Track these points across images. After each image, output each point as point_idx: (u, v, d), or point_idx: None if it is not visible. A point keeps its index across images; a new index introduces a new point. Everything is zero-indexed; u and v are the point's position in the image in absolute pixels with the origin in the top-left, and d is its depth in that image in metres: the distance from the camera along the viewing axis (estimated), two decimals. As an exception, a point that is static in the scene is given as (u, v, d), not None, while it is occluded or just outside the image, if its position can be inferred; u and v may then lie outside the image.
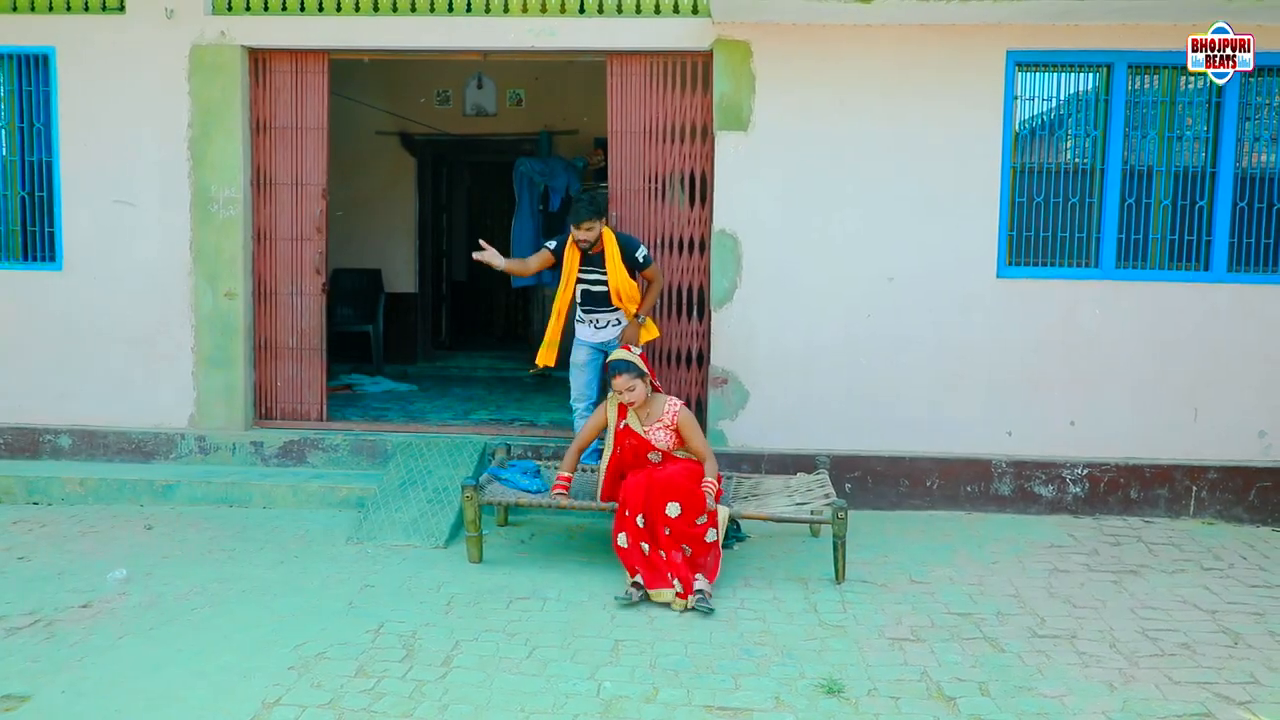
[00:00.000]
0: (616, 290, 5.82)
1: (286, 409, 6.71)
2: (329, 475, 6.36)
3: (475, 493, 5.08)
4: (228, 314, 6.50)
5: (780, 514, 5.04)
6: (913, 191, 6.18)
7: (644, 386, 5.03)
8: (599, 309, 5.95)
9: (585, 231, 5.71)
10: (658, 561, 4.73)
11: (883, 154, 6.17)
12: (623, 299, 5.85)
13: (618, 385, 4.99)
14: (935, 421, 6.27)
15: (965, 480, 6.24)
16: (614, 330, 5.96)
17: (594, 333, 6.01)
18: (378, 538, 5.50)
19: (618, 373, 5.00)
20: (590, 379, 6.07)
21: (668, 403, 5.14)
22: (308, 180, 6.56)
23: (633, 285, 5.84)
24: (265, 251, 6.62)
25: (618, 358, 5.07)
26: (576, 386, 6.08)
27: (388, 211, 10.01)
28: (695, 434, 5.07)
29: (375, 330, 9.43)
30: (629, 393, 5.00)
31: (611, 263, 5.78)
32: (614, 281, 5.81)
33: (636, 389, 5.00)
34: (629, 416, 5.11)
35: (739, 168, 6.24)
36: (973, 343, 6.23)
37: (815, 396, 6.30)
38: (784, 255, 6.26)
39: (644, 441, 5.06)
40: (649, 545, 4.77)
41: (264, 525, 5.78)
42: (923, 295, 6.22)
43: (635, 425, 5.08)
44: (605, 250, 5.79)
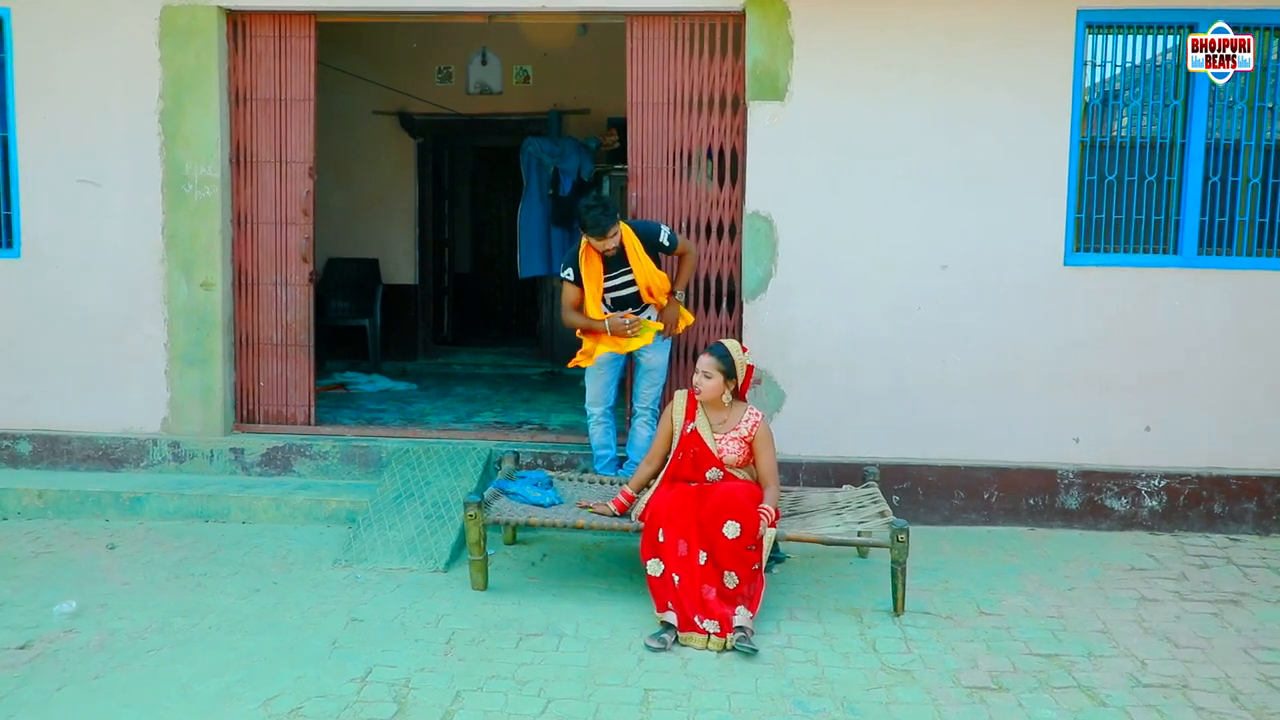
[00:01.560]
0: (647, 286, 5.22)
1: (270, 411, 6.06)
2: (316, 486, 5.70)
3: (479, 510, 4.43)
4: (204, 306, 5.85)
5: (831, 536, 4.38)
6: (969, 169, 5.50)
7: (722, 386, 4.45)
8: (628, 309, 5.32)
9: (610, 240, 5.08)
10: (692, 598, 4.07)
11: (935, 127, 5.50)
12: (654, 293, 5.25)
13: (699, 365, 4.48)
14: (994, 426, 5.60)
15: (1028, 492, 5.57)
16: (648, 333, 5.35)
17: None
18: (368, 559, 4.84)
19: (707, 353, 4.50)
20: (610, 381, 5.42)
21: (748, 412, 4.52)
22: (293, 158, 5.90)
23: (663, 276, 5.26)
24: (246, 237, 5.96)
25: (720, 341, 4.55)
26: (593, 389, 5.44)
27: (385, 197, 9.35)
28: (768, 453, 4.47)
29: (372, 325, 8.78)
30: (703, 380, 4.46)
31: (635, 259, 5.16)
32: (643, 279, 5.20)
33: (711, 382, 4.44)
34: (698, 418, 4.47)
35: (774, 142, 5.57)
36: (1036, 338, 5.56)
37: (859, 398, 5.64)
38: (824, 240, 5.59)
39: (708, 453, 4.43)
40: (681, 576, 4.11)
41: (241, 544, 5.13)
42: (980, 285, 5.55)
43: (705, 432, 4.46)
44: (625, 246, 5.16)
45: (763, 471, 4.44)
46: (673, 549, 4.17)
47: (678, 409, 4.58)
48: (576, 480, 5.19)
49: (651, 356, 5.38)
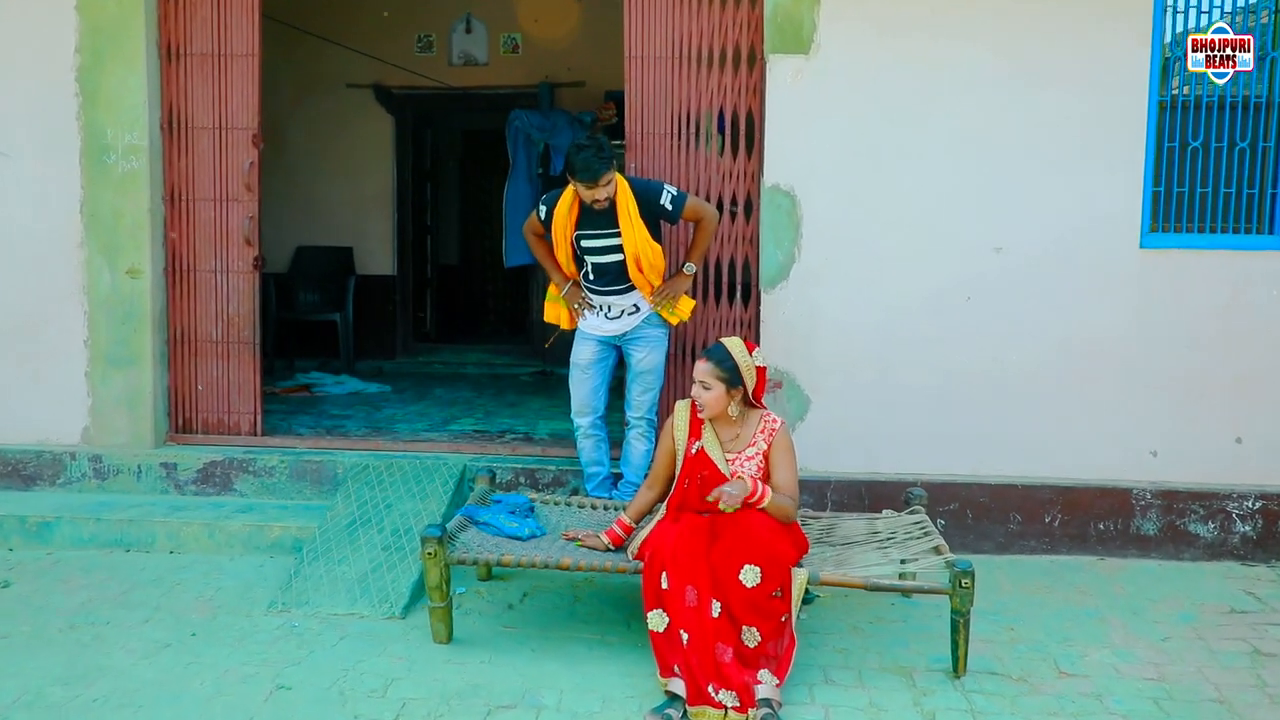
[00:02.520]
0: (636, 258, 4.30)
1: (210, 420, 5.22)
2: (259, 508, 4.86)
3: (440, 547, 3.57)
4: (131, 298, 5.00)
5: (878, 581, 3.51)
6: (1029, 135, 4.66)
7: (725, 397, 3.61)
8: (611, 289, 4.43)
9: (601, 189, 4.19)
10: (704, 661, 3.22)
11: (988, 84, 4.65)
12: (644, 270, 4.33)
13: (695, 374, 3.65)
14: (1056, 438, 4.75)
15: (1097, 515, 4.72)
16: (632, 320, 4.46)
17: (603, 323, 4.49)
18: (310, 602, 4.00)
19: (703, 358, 3.65)
20: (598, 385, 4.56)
21: (763, 420, 3.69)
22: (235, 123, 5.05)
23: (657, 250, 4.37)
24: (180, 216, 5.11)
25: (719, 341, 3.69)
26: (578, 395, 4.58)
27: (360, 179, 8.47)
28: (786, 464, 3.64)
29: (343, 319, 7.93)
30: (701, 392, 3.62)
31: (627, 221, 4.26)
32: (632, 248, 4.29)
33: (711, 394, 3.61)
34: (705, 436, 3.64)
35: (798, 104, 4.72)
36: (1107, 333, 4.71)
37: (897, 404, 4.79)
38: (856, 218, 4.74)
39: (719, 478, 3.59)
40: (691, 633, 3.25)
41: (163, 580, 4.29)
42: (1041, 271, 4.70)
43: (714, 452, 3.62)
44: (617, 205, 4.27)
45: (781, 486, 3.60)
46: (679, 598, 3.32)
47: (679, 425, 3.74)
48: (564, 504, 4.34)
49: (643, 355, 4.49)
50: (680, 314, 4.48)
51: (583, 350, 4.52)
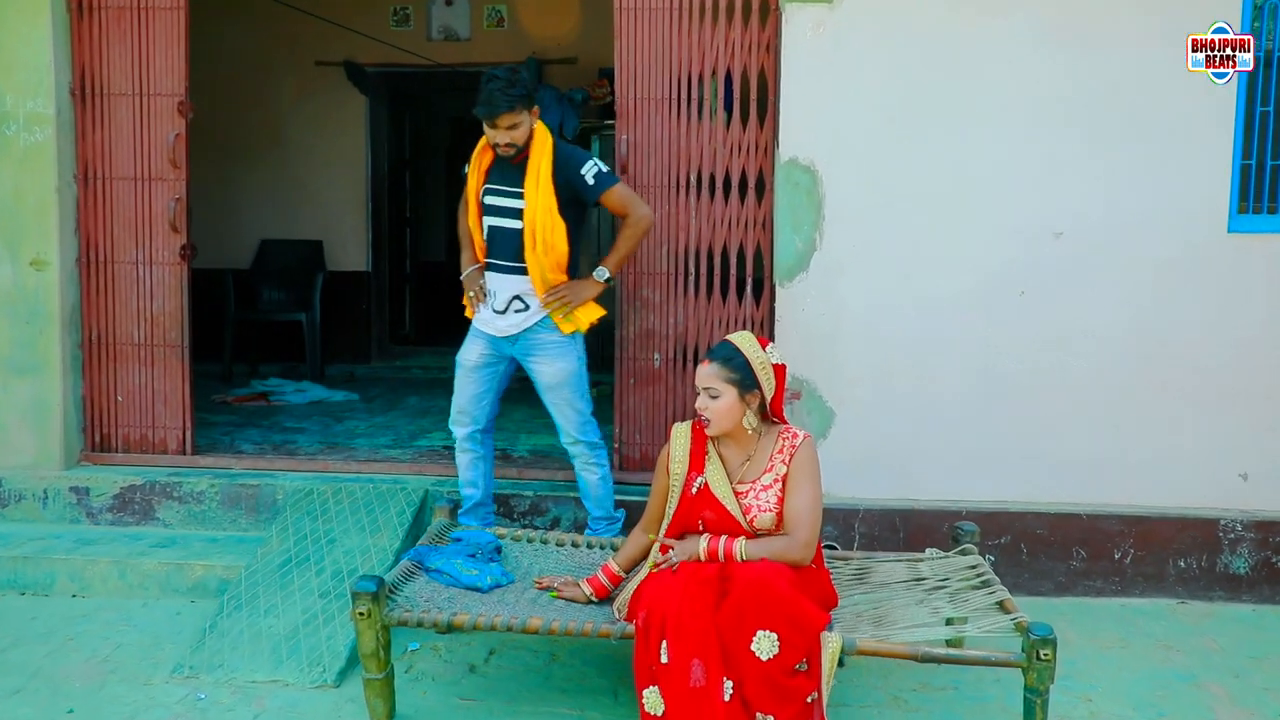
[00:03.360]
0: (532, 230, 3.52)
1: (132, 436, 4.47)
2: (184, 542, 4.12)
3: (375, 605, 2.82)
4: (36, 293, 4.27)
5: (930, 650, 2.75)
6: (1095, 100, 3.91)
7: (739, 405, 2.87)
8: (501, 264, 3.63)
9: (503, 133, 3.44)
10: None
11: (1048, 41, 3.91)
12: (538, 249, 3.52)
13: (698, 380, 2.91)
14: (1127, 458, 4.00)
15: (1176, 550, 3.97)
16: (519, 320, 3.63)
17: (491, 317, 3.68)
18: (225, 665, 3.25)
19: (705, 360, 2.91)
20: (481, 393, 3.79)
21: (782, 437, 2.94)
22: (158, 88, 4.31)
23: (560, 231, 3.55)
24: (95, 198, 4.37)
25: (726, 339, 2.94)
26: (457, 400, 3.80)
27: (331, 167, 7.71)
28: (803, 489, 2.86)
29: (310, 319, 7.16)
30: (708, 401, 2.89)
31: (533, 180, 3.52)
32: (531, 213, 3.51)
33: (721, 402, 2.87)
34: (709, 467, 2.90)
35: (819, 62, 3.98)
36: (1187, 334, 3.96)
37: (936, 418, 4.04)
38: (889, 199, 4.00)
39: (728, 521, 2.85)
40: (696, 726, 2.51)
41: (55, 633, 3.55)
42: (1108, 260, 3.96)
43: (721, 488, 2.89)
44: (530, 160, 3.54)
45: (789, 515, 2.84)
46: (682, 675, 2.57)
47: (676, 454, 2.99)
48: (539, 541, 3.57)
49: (543, 367, 3.68)
50: (575, 322, 3.65)
51: (470, 349, 3.74)
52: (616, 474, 4.27)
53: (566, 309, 3.60)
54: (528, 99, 3.44)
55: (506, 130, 3.43)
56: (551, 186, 3.51)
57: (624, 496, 4.05)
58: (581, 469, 3.82)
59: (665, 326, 4.23)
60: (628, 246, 3.69)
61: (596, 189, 3.57)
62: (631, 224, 3.64)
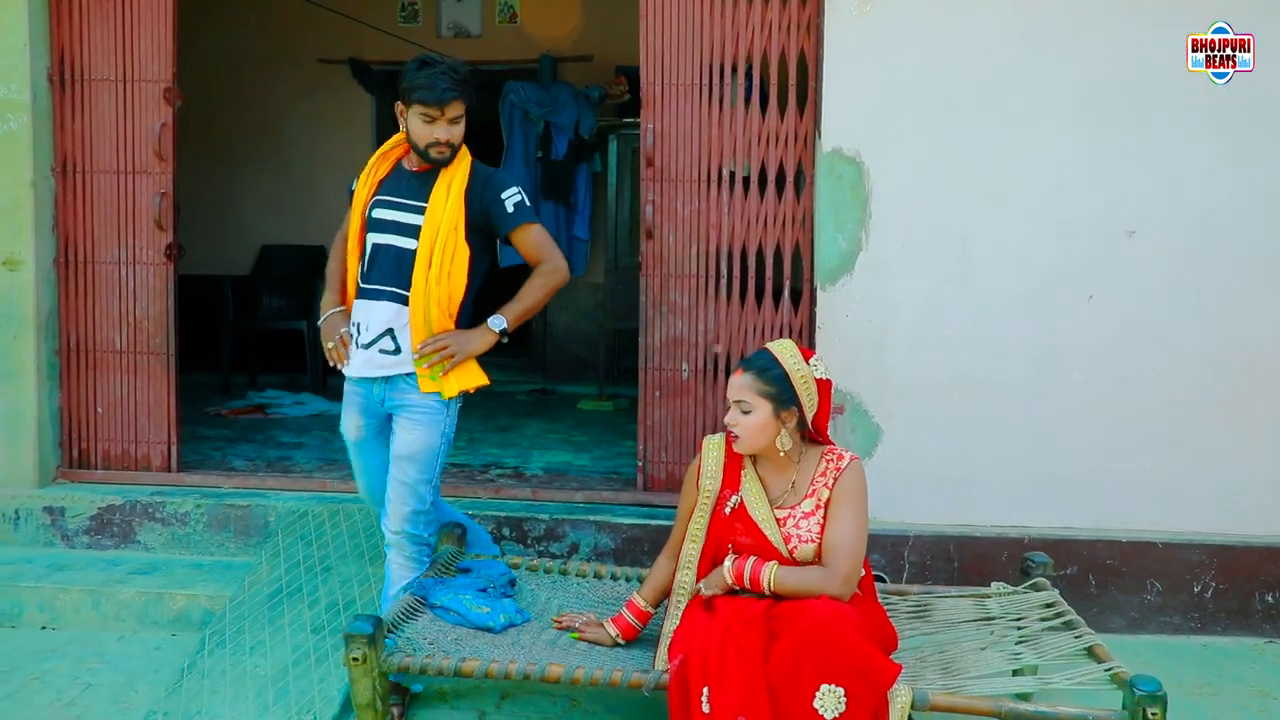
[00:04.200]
0: (430, 248, 2.85)
1: (113, 451, 4.11)
2: (166, 568, 3.76)
3: (372, 650, 2.45)
4: (9, 295, 3.93)
5: (1012, 708, 2.36)
6: (1166, 84, 3.54)
7: (774, 423, 2.52)
8: (377, 287, 2.91)
9: (449, 126, 2.83)
10: None
11: (1122, 15, 3.54)
12: (431, 273, 2.85)
13: (729, 391, 2.58)
14: (1208, 481, 3.62)
15: (1264, 583, 3.59)
16: (384, 362, 2.90)
17: (355, 351, 2.95)
18: (204, 712, 2.87)
19: (739, 369, 2.58)
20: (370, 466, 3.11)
21: (825, 459, 2.58)
22: (143, 74, 3.98)
23: (462, 256, 2.88)
24: (74, 192, 4.03)
25: (764, 348, 2.63)
26: (359, 485, 3.20)
27: (335, 169, 7.33)
28: (846, 515, 2.51)
29: (311, 328, 6.81)
30: (738, 416, 2.54)
31: (442, 193, 2.87)
32: (433, 229, 2.85)
33: (754, 418, 2.53)
34: (745, 484, 2.53)
35: (866, 43, 3.63)
36: (1275, 343, 3.58)
37: (993, 435, 3.67)
38: (941, 194, 3.64)
39: (764, 543, 2.49)
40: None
41: (16, 673, 3.19)
42: (1186, 261, 3.59)
43: (758, 509, 2.53)
44: (442, 173, 2.89)
45: (828, 545, 2.48)
46: (722, 733, 2.20)
47: (708, 468, 2.63)
48: (557, 572, 3.20)
49: (402, 429, 2.95)
50: (443, 384, 2.89)
51: (347, 419, 3.07)
52: (639, 494, 3.92)
53: (444, 364, 2.87)
54: (472, 92, 2.88)
55: (449, 124, 2.83)
56: (462, 204, 2.87)
57: (649, 521, 3.70)
58: (394, 562, 3.04)
59: (694, 334, 3.86)
60: (535, 299, 2.98)
61: (514, 219, 2.92)
62: (546, 273, 2.97)
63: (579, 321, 7.42)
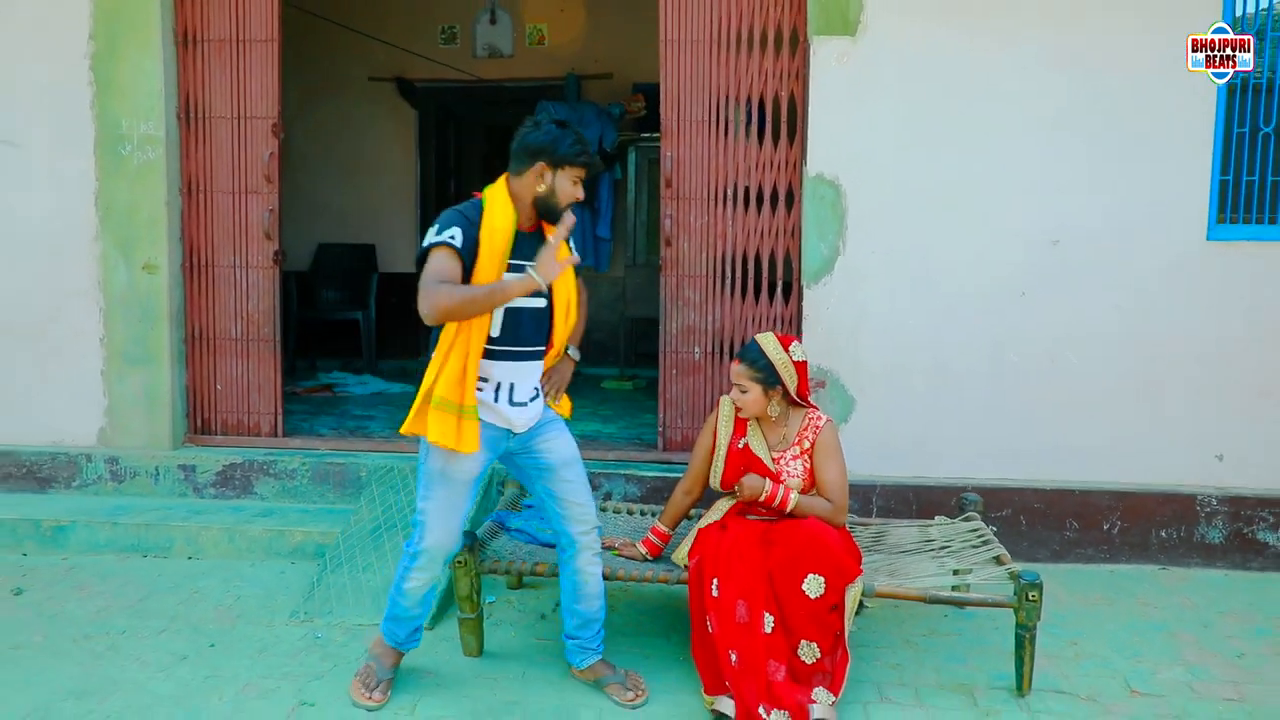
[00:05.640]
0: (568, 302, 3.14)
1: (229, 421, 5.04)
2: (280, 512, 4.67)
3: (471, 556, 3.37)
4: (148, 294, 4.83)
5: (937, 593, 3.29)
6: (1088, 121, 4.41)
7: (763, 398, 3.38)
8: (523, 350, 3.07)
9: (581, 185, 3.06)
10: (754, 682, 3.00)
11: (1046, 68, 4.41)
12: (565, 328, 3.17)
13: (731, 374, 3.43)
14: (1116, 441, 4.51)
15: (1159, 522, 4.48)
16: (538, 405, 3.16)
17: (509, 412, 3.06)
18: (334, 612, 3.80)
19: (736, 359, 3.43)
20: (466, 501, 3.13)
21: (808, 418, 3.44)
22: (254, 112, 4.87)
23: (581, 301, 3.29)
24: (198, 209, 4.93)
25: (754, 339, 3.45)
26: (450, 525, 3.11)
27: (383, 175, 8.30)
28: (831, 465, 3.38)
29: (366, 318, 7.74)
30: (739, 395, 3.41)
31: (565, 250, 3.05)
32: (566, 291, 3.12)
33: (749, 396, 3.39)
34: (750, 432, 3.42)
35: (842, 88, 4.49)
36: (1171, 331, 4.46)
37: (947, 405, 4.56)
38: (904, 211, 4.51)
39: (765, 472, 3.38)
40: (740, 653, 3.04)
41: (181, 587, 4.11)
42: (1100, 265, 4.46)
43: (759, 448, 3.41)
44: (546, 230, 3.06)
45: (827, 488, 3.35)
46: (729, 611, 3.09)
47: (723, 420, 3.51)
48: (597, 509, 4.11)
49: (560, 439, 3.22)
50: (564, 407, 3.32)
51: (475, 457, 3.04)
52: (660, 454, 4.81)
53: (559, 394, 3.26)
54: None
55: (579, 183, 3.05)
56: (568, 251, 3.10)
57: (668, 474, 4.59)
58: (589, 565, 3.26)
59: (705, 323, 4.75)
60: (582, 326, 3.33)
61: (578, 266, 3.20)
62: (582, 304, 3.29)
63: (600, 311, 8.27)
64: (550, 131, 2.99)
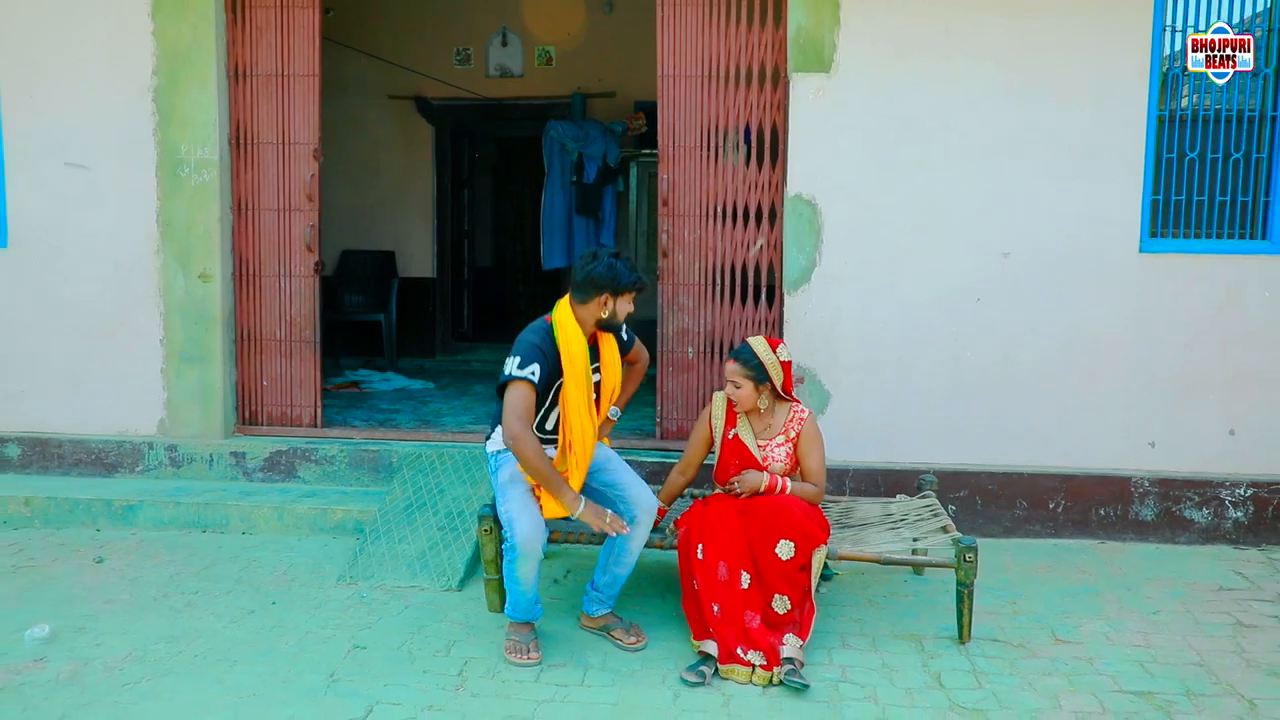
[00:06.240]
0: (613, 389, 3.91)
1: (274, 413, 5.64)
2: (322, 493, 5.28)
3: (495, 525, 3.98)
4: (202, 300, 5.44)
5: (890, 555, 3.90)
6: (1035, 147, 4.99)
7: (754, 394, 3.96)
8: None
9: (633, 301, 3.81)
10: (733, 628, 3.60)
11: (997, 100, 5.00)
12: (606, 403, 3.93)
13: (726, 373, 4.00)
14: (1061, 430, 5.10)
15: (1098, 502, 5.07)
16: None
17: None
18: (376, 576, 4.41)
19: (730, 359, 4.00)
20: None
21: (792, 411, 4.03)
22: (296, 138, 5.47)
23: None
24: (247, 224, 5.54)
25: (746, 341, 4.04)
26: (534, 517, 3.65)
27: (402, 186, 8.92)
28: (814, 453, 3.97)
29: (388, 320, 8.36)
30: (733, 390, 3.99)
31: (609, 353, 3.87)
32: (611, 379, 3.89)
33: (742, 392, 3.97)
34: (739, 424, 4.01)
35: (819, 119, 5.08)
36: (1108, 333, 5.05)
37: (911, 398, 5.15)
38: (873, 226, 5.10)
39: (752, 462, 3.96)
40: (721, 605, 3.64)
41: (239, 557, 4.71)
42: (1046, 275, 5.05)
43: (747, 438, 3.99)
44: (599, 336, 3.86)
45: (810, 473, 3.96)
46: (711, 571, 3.70)
47: (716, 413, 4.11)
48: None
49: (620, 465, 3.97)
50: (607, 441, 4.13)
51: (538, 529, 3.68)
52: (657, 443, 5.41)
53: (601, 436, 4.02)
54: None
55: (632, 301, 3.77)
56: (617, 353, 3.93)
57: (665, 460, 5.19)
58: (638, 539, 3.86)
59: (697, 326, 5.35)
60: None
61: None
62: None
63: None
64: (611, 266, 3.67)
